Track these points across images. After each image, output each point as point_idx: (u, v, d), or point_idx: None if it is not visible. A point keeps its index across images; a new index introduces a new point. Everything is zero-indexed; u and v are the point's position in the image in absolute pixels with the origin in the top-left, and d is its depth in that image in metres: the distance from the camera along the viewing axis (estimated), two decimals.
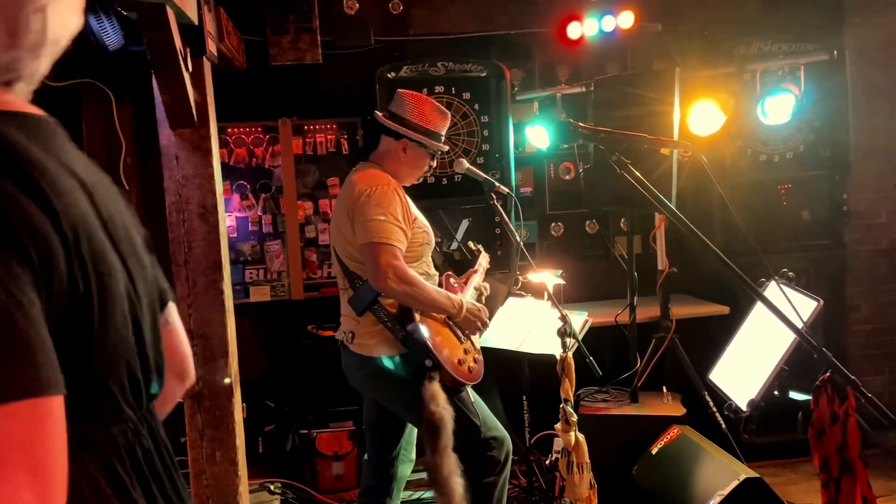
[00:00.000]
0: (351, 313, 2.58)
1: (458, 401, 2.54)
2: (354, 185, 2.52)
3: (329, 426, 3.98)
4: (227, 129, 4.30)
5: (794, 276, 2.67)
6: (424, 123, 2.61)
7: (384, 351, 2.50)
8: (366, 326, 2.53)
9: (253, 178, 4.36)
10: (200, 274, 2.79)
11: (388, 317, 2.49)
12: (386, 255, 2.38)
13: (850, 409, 1.81)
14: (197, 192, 2.78)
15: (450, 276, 2.80)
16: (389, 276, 2.37)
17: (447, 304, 2.53)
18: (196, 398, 2.80)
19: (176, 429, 3.30)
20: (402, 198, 2.50)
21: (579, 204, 4.44)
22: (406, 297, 2.44)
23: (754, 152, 4.44)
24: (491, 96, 4.18)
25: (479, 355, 2.69)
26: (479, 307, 2.66)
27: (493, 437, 2.61)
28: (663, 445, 3.18)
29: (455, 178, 4.14)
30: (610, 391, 3.74)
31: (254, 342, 4.33)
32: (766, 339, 2.74)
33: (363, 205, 2.43)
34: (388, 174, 2.56)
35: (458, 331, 2.60)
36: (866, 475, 1.91)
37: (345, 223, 2.53)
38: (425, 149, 2.63)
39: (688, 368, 3.54)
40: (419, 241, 2.56)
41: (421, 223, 2.60)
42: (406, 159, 2.62)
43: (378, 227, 2.40)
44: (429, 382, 2.38)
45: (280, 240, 4.39)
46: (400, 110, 2.62)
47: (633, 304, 3.66)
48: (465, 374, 2.52)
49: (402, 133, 2.59)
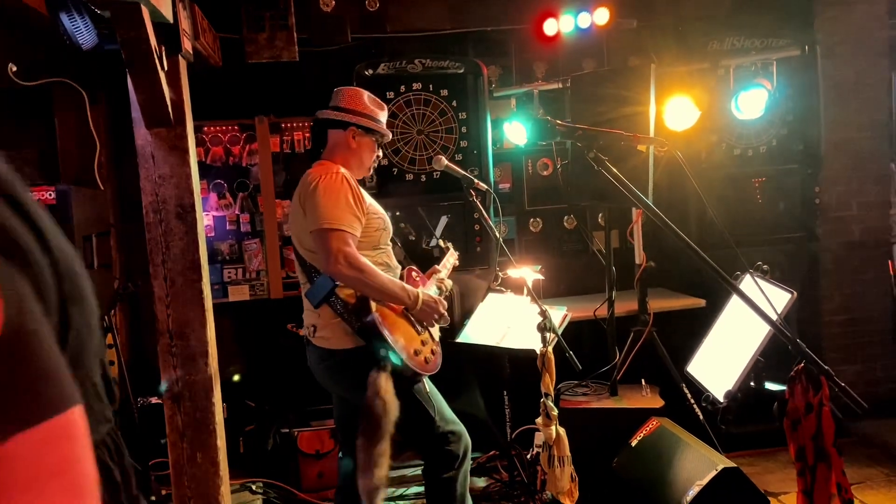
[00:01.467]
0: (311, 306, 2.59)
1: (415, 392, 2.56)
2: (306, 177, 2.57)
3: (310, 425, 3.97)
4: (204, 127, 4.26)
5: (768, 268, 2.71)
6: (366, 111, 2.68)
7: (343, 343, 2.51)
8: (325, 319, 2.55)
9: (230, 177, 4.33)
10: (179, 273, 2.76)
11: (344, 308, 2.50)
12: (336, 240, 2.40)
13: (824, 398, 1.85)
14: (174, 191, 2.76)
15: (412, 270, 2.81)
16: (340, 261, 2.38)
17: (401, 294, 2.54)
18: (176, 399, 2.78)
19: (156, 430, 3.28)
20: (352, 185, 2.52)
21: (557, 199, 4.47)
22: (357, 284, 2.45)
23: (728, 147, 4.49)
24: (469, 93, 4.19)
25: (438, 346, 2.70)
26: (436, 299, 2.66)
27: (451, 432, 2.62)
28: (643, 437, 3.21)
29: (434, 175, 4.14)
30: (590, 385, 3.77)
31: (233, 342, 4.30)
32: (741, 332, 2.78)
33: (313, 192, 2.47)
34: (339, 165, 2.60)
35: (416, 323, 2.61)
36: (841, 463, 1.95)
37: (299, 214, 2.56)
38: (372, 134, 2.68)
39: (666, 361, 3.59)
40: (374, 227, 2.58)
41: (376, 209, 2.62)
42: (356, 147, 2.66)
43: (328, 213, 2.42)
44: (376, 371, 2.40)
45: (258, 238, 4.36)
46: (342, 103, 2.68)
47: (612, 298, 3.69)
48: (421, 365, 2.54)
49: (349, 121, 2.64)
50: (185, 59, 2.85)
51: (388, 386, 2.40)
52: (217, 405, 2.88)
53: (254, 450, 4.04)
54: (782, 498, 3.42)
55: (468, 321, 3.51)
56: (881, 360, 4.50)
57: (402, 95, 4.13)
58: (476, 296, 4.05)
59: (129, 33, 2.34)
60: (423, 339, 2.61)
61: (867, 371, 4.47)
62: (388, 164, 4.12)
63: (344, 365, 2.54)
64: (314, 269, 2.55)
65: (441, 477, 2.62)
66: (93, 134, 3.91)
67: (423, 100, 4.15)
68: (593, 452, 3.24)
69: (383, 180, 4.14)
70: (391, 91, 4.11)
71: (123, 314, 4.20)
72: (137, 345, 4.27)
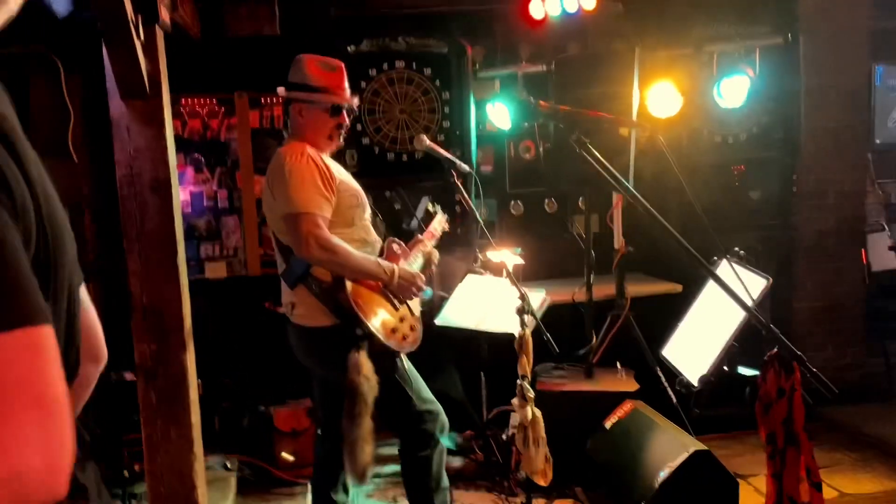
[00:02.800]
0: (287, 287, 2.58)
1: (392, 370, 2.56)
2: (276, 159, 2.53)
3: (287, 403, 3.96)
4: (181, 100, 4.19)
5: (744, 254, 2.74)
6: (305, 81, 2.58)
7: (320, 321, 2.51)
8: (301, 298, 2.54)
9: (208, 152, 4.27)
10: (154, 249, 2.73)
11: (318, 288, 2.49)
12: (306, 223, 2.39)
13: (795, 383, 1.87)
14: (149, 165, 2.71)
15: (393, 242, 2.79)
16: (311, 245, 2.37)
17: (376, 270, 2.52)
18: (150, 375, 2.75)
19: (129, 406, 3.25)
20: (320, 164, 2.48)
21: (539, 183, 4.46)
22: (331, 265, 2.44)
23: (710, 133, 4.51)
24: (452, 73, 4.16)
25: (417, 322, 2.69)
26: (413, 273, 2.64)
27: (428, 411, 2.62)
28: (617, 420, 3.25)
29: (416, 156, 4.12)
30: (566, 367, 3.79)
31: (209, 319, 4.26)
32: (716, 316, 2.81)
33: (280, 176, 2.45)
34: (306, 144, 2.55)
35: (394, 298, 2.60)
36: (810, 447, 1.98)
37: (270, 198, 2.55)
38: (317, 106, 2.58)
39: (641, 345, 3.62)
40: (347, 204, 2.54)
41: (348, 186, 2.58)
42: (305, 122, 2.59)
43: (296, 197, 2.41)
44: (355, 351, 2.40)
45: (236, 215, 4.32)
46: (290, 77, 2.62)
47: (590, 282, 3.71)
48: (399, 342, 2.53)
49: (289, 97, 2.60)
50: (163, 29, 2.79)
51: (368, 364, 2.40)
52: (192, 382, 2.86)
53: (229, 427, 4.04)
54: (752, 480, 3.48)
55: (447, 303, 3.51)
56: (851, 347, 4.58)
57: (385, 73, 4.09)
58: (455, 277, 4.04)
59: (105, 1, 2.28)
60: (400, 316, 2.60)
61: (838, 357, 4.55)
62: (368, 143, 4.09)
63: (322, 343, 2.54)
64: (289, 250, 2.54)
65: (417, 455, 2.63)
66: (67, 104, 3.83)
67: (405, 78, 4.11)
68: (568, 434, 3.27)
69: (364, 159, 4.11)
70: (374, 68, 4.07)
71: (97, 290, 4.14)
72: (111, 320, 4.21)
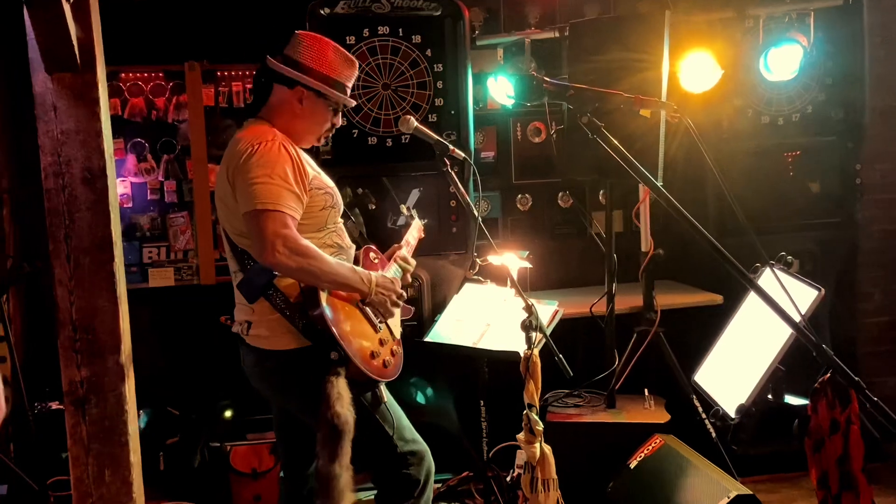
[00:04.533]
0: (244, 301, 2.57)
1: (369, 404, 2.55)
2: (236, 145, 2.50)
3: (246, 438, 3.95)
4: (120, 73, 4.19)
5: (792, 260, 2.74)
6: (325, 70, 2.58)
7: (284, 343, 2.49)
8: (262, 315, 2.52)
9: (153, 135, 4.27)
10: (85, 252, 2.72)
11: (285, 303, 2.48)
12: (273, 223, 2.36)
13: (852, 415, 1.87)
14: (80, 151, 2.70)
15: (370, 250, 2.79)
16: (278, 249, 2.35)
17: (353, 278, 2.52)
18: (80, 404, 2.75)
19: (56, 442, 3.24)
20: (293, 155, 2.47)
21: (551, 173, 4.46)
22: (302, 273, 2.43)
23: (755, 113, 4.51)
24: (446, 40, 4.16)
25: (398, 347, 2.70)
26: (391, 278, 2.65)
27: (411, 452, 2.62)
28: (643, 458, 3.25)
29: (402, 140, 4.12)
30: (583, 395, 3.80)
31: (153, 336, 4.26)
32: (759, 335, 2.81)
33: (243, 165, 2.42)
34: (277, 130, 2.55)
35: (373, 317, 2.61)
36: (870, 492, 1.98)
37: (227, 191, 2.51)
38: (325, 100, 2.61)
39: (674, 368, 3.62)
40: (320, 205, 2.55)
41: (322, 183, 2.58)
42: (302, 112, 2.60)
43: (262, 191, 2.38)
44: (334, 378, 2.39)
45: (186, 211, 4.32)
46: (296, 54, 2.59)
47: (612, 291, 3.71)
48: (379, 370, 2.53)
49: (297, 79, 2.57)
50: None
51: (347, 395, 2.39)
52: (131, 412, 2.85)
53: (177, 467, 4.02)
54: None
55: (440, 317, 3.51)
56: None
57: (366, 41, 4.08)
58: (450, 286, 4.04)
59: None
60: (381, 338, 2.60)
61: None
62: (346, 124, 4.09)
63: (285, 369, 2.53)
64: (247, 256, 2.53)
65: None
66: None
67: (390, 47, 4.11)
68: (585, 475, 3.27)
69: (340, 144, 4.10)
70: (352, 35, 4.07)
71: (18, 300, 4.14)
72: (35, 338, 4.21)
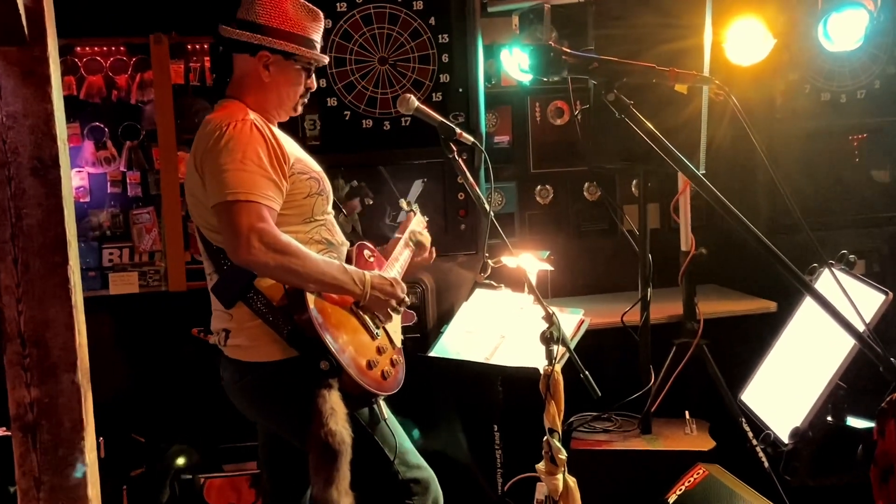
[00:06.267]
0: (222, 306, 2.59)
1: (366, 422, 2.56)
2: (204, 128, 2.53)
3: (223, 469, 3.97)
4: (76, 48, 4.20)
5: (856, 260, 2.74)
6: (286, 26, 2.60)
7: (267, 354, 2.51)
8: (241, 322, 2.54)
9: (113, 119, 4.27)
10: (35, 255, 2.73)
11: (267, 307, 2.49)
12: (247, 215, 2.37)
13: None
14: (29, 137, 2.72)
15: (364, 247, 2.80)
16: (254, 245, 2.35)
17: (343, 279, 2.52)
18: (30, 431, 2.76)
19: (3, 473, 3.26)
20: (268, 136, 2.49)
21: (575, 160, 4.46)
22: (282, 273, 2.43)
23: (814, 89, 4.51)
24: (452, 7, 4.18)
25: (399, 356, 2.72)
26: (391, 279, 2.66)
27: (415, 480, 2.63)
28: (684, 491, 3.25)
29: (402, 122, 4.13)
30: (613, 418, 3.80)
31: (115, 351, 4.28)
32: (816, 347, 2.81)
33: (211, 150, 2.43)
34: (249, 108, 2.57)
35: (370, 322, 2.62)
36: None
37: (196, 182, 2.53)
38: (294, 60, 2.62)
39: (719, 386, 3.62)
40: (304, 192, 2.56)
41: (305, 167, 2.59)
42: (272, 80, 2.62)
43: (234, 179, 2.39)
44: (326, 392, 2.40)
45: (153, 206, 4.34)
46: (250, 14, 2.61)
47: (647, 297, 3.72)
48: (377, 382, 2.54)
49: (259, 43, 2.59)
50: None
51: (342, 411, 2.41)
52: (89, 439, 2.87)
53: (143, 503, 4.04)
54: None
55: (446, 328, 3.52)
56: None
57: (359, 8, 4.10)
58: (458, 292, 4.06)
59: None
60: (379, 346, 2.62)
61: None
62: (336, 105, 4.10)
63: (269, 383, 2.54)
64: (223, 255, 2.54)
65: None
66: None
67: (387, 15, 4.13)
68: None
69: (330, 128, 4.12)
70: (343, 2, 4.09)
71: None
72: None
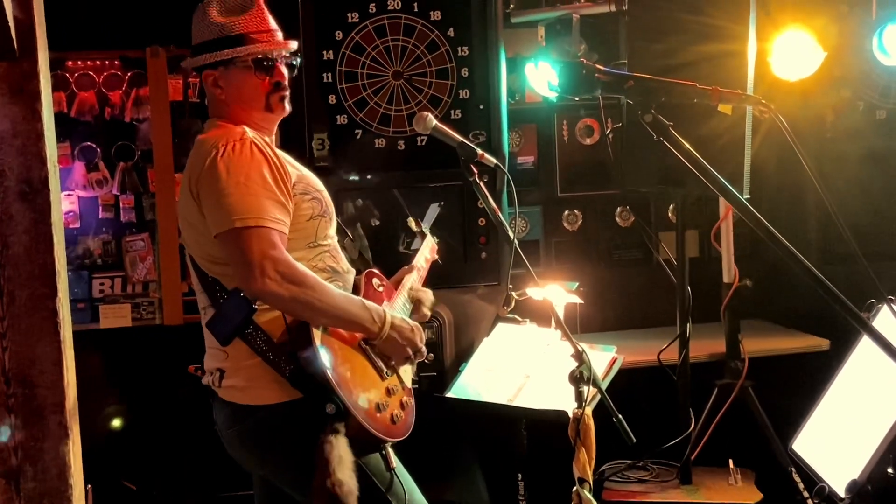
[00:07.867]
0: (216, 343, 2.58)
1: (371, 470, 2.55)
2: (198, 148, 2.54)
3: None
4: (67, 62, 4.25)
5: None
6: (213, 35, 2.62)
7: (267, 396, 2.50)
8: (238, 360, 2.53)
9: (106, 138, 4.32)
10: (21, 286, 2.76)
11: (266, 344, 2.48)
12: (258, 242, 2.37)
13: None
14: (17, 158, 2.74)
15: (373, 276, 2.80)
16: (269, 275, 2.35)
17: (362, 314, 2.52)
18: (13, 476, 2.78)
19: None
20: (267, 154, 2.49)
21: (606, 182, 4.47)
22: (296, 306, 2.43)
23: (868, 107, 4.51)
24: (473, 17, 4.20)
25: (410, 398, 2.70)
26: (412, 325, 2.65)
27: None
28: None
29: (418, 142, 4.15)
30: (649, 466, 3.77)
31: (106, 390, 4.30)
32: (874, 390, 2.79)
33: (209, 173, 2.43)
34: (238, 126, 2.58)
35: (379, 360, 2.61)
36: None
37: (192, 207, 2.52)
38: (234, 65, 2.62)
39: (766, 432, 3.60)
40: (306, 215, 2.56)
41: (307, 186, 2.60)
42: (230, 94, 2.63)
43: (239, 203, 2.39)
44: (332, 437, 2.39)
45: (147, 233, 4.36)
46: (193, 40, 2.68)
47: (686, 334, 3.70)
48: (386, 427, 2.53)
49: (200, 65, 2.64)
50: None
51: (349, 459, 2.39)
52: (77, 487, 2.88)
53: None
54: None
55: (465, 366, 3.51)
56: None
57: (372, 19, 4.13)
58: (478, 327, 4.05)
59: None
60: (389, 387, 2.61)
61: None
62: (346, 122, 4.13)
63: (269, 429, 2.54)
64: (219, 287, 2.54)
65: None
66: None
67: (402, 26, 4.15)
68: None
69: (340, 148, 4.14)
70: (354, 12, 4.11)
71: None
72: None
